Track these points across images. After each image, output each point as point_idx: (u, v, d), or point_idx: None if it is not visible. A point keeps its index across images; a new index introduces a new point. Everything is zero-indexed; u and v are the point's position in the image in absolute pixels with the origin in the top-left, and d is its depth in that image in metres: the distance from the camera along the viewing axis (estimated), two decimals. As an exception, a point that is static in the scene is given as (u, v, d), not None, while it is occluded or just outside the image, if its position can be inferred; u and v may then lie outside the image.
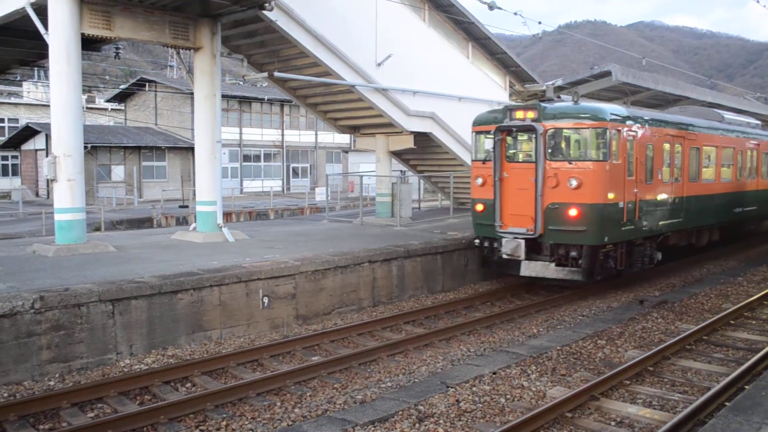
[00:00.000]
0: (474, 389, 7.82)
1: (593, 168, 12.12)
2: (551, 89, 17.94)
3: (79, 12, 12.00)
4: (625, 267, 13.31)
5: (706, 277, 15.71)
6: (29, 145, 41.75)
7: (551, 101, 13.33)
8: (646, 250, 13.90)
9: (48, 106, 15.20)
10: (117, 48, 38.63)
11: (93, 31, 12.28)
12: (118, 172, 39.28)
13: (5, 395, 7.74)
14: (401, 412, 7.09)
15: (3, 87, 49.42)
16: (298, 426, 6.89)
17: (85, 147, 26.06)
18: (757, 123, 21.39)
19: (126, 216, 28.65)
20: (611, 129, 12.22)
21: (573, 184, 12.06)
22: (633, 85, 22.33)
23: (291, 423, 7.04)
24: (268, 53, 16.86)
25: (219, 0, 12.66)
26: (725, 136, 17.54)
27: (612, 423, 6.98)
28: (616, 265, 12.95)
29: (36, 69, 43.78)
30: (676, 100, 25.39)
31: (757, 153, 19.65)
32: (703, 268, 17.01)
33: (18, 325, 8.13)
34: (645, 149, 13.42)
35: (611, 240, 12.55)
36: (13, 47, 16.72)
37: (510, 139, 13.06)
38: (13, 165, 45.01)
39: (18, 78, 45.76)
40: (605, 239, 12.38)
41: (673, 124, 14.99)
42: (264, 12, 13.56)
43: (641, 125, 13.34)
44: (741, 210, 18.55)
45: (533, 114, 12.55)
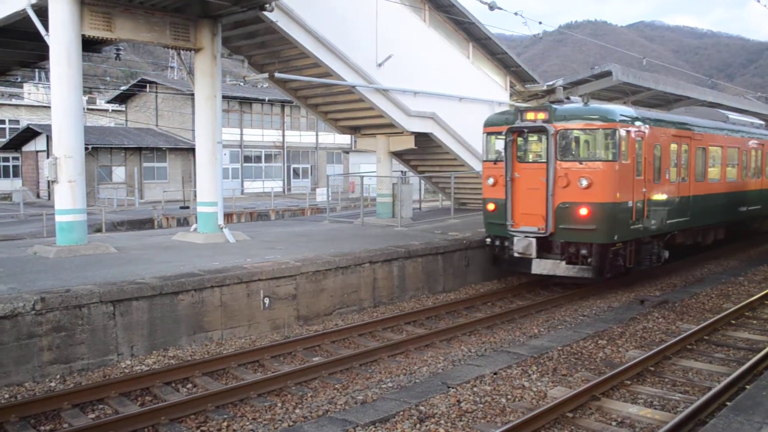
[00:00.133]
0: (475, 389, 7.82)
1: (603, 168, 12.34)
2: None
3: (80, 13, 12.01)
4: (634, 265, 13.50)
5: (707, 277, 15.70)
6: (30, 147, 41.79)
7: (561, 103, 13.58)
8: (653, 248, 14.13)
9: (49, 107, 15.19)
10: (118, 49, 38.61)
11: (93, 33, 12.29)
12: (118, 173, 39.31)
13: (6, 396, 7.74)
14: (402, 412, 7.09)
15: (4, 88, 49.47)
16: (299, 427, 6.89)
17: (86, 148, 26.13)
18: (761, 123, 21.53)
19: (127, 217, 28.66)
20: (621, 130, 12.42)
21: (583, 183, 12.28)
22: (633, 85, 22.35)
23: (292, 423, 7.05)
24: (268, 54, 16.87)
25: (219, 1, 12.67)
26: (730, 136, 17.75)
27: (613, 423, 6.97)
28: (625, 263, 13.17)
29: (37, 70, 43.84)
30: (676, 99, 25.42)
31: (761, 153, 19.85)
32: (704, 267, 17.01)
33: (19, 327, 8.14)
34: (653, 149, 13.60)
35: (621, 238, 12.76)
36: (14, 49, 16.73)
37: (521, 140, 13.26)
38: (14, 166, 45.06)
39: (19, 79, 45.77)
40: (615, 237, 12.58)
41: (680, 124, 15.18)
42: (264, 13, 13.57)
43: (649, 126, 13.52)
44: (746, 209, 18.76)
45: (544, 115, 12.76)
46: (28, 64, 20.21)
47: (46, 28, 12.08)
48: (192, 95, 17.96)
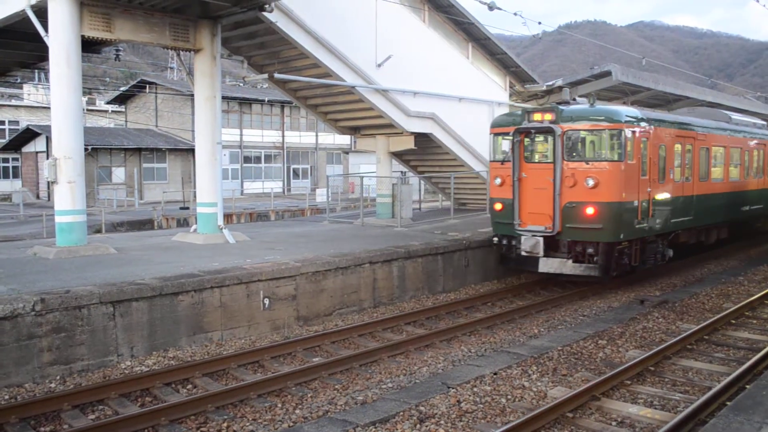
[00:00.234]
0: (475, 390, 7.82)
1: (609, 168, 12.49)
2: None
3: (79, 14, 12.01)
4: (639, 263, 13.65)
5: (707, 277, 15.72)
6: (30, 148, 41.80)
7: (568, 104, 13.77)
8: (658, 247, 14.30)
9: (48, 108, 15.19)
10: (117, 50, 38.63)
11: (93, 33, 12.29)
12: (118, 174, 39.32)
13: (6, 397, 7.74)
14: (402, 412, 7.09)
15: (3, 89, 49.47)
16: (299, 427, 6.89)
17: (86, 149, 26.10)
18: (763, 123, 21.66)
19: (126, 218, 28.67)
20: (626, 130, 12.57)
21: (590, 183, 12.43)
22: (633, 85, 22.35)
23: (292, 424, 7.05)
24: (268, 55, 16.87)
25: (219, 2, 12.67)
26: (733, 136, 17.91)
27: (613, 423, 6.97)
28: (630, 262, 13.33)
29: (36, 71, 43.85)
30: (676, 99, 25.43)
31: (763, 153, 20.01)
32: (704, 267, 17.03)
33: (19, 328, 8.13)
34: (658, 149, 13.74)
35: (626, 237, 12.90)
36: (14, 49, 16.73)
37: (528, 141, 13.38)
38: (14, 167, 45.06)
39: (18, 80, 45.77)
40: (621, 236, 12.72)
41: (684, 125, 15.32)
42: (264, 13, 13.57)
43: (654, 126, 13.66)
44: (748, 208, 18.94)
45: (551, 116, 12.90)
46: (27, 65, 20.21)
47: (45, 28, 12.08)
48: (191, 96, 17.96)
